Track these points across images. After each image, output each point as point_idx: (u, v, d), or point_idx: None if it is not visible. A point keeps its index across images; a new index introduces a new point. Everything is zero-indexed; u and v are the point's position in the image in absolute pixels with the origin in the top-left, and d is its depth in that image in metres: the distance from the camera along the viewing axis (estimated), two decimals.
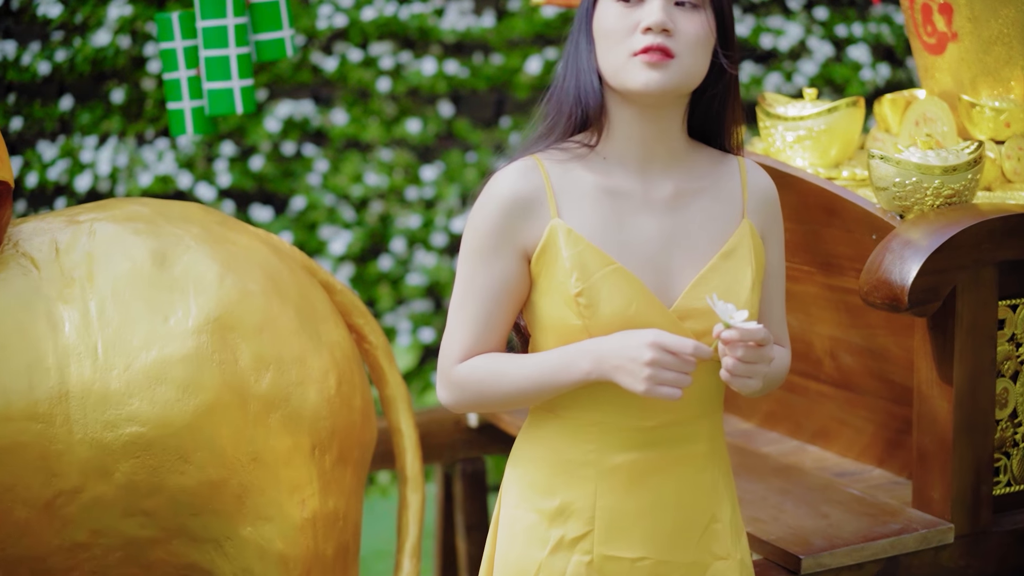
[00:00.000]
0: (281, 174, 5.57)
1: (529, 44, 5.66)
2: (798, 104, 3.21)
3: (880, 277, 2.60)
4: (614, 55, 2.17)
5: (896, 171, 2.73)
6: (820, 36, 5.87)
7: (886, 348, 2.91)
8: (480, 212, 2.21)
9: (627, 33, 2.16)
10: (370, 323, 2.94)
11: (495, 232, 2.19)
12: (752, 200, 2.28)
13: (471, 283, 2.22)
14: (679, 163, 2.25)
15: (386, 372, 2.96)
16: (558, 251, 2.17)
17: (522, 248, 2.20)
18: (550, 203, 2.18)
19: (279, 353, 2.64)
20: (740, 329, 2.05)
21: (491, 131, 5.69)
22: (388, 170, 5.57)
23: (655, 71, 2.14)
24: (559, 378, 2.17)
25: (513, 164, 2.21)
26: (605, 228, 2.19)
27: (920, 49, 3.23)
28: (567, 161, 2.21)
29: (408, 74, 5.57)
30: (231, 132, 5.53)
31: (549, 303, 2.19)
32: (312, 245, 5.50)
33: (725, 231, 2.25)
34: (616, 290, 2.15)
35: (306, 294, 2.75)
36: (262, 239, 2.81)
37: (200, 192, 5.45)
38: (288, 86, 5.56)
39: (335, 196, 5.54)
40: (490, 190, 2.21)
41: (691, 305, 2.19)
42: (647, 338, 2.09)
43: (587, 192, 2.20)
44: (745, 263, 2.23)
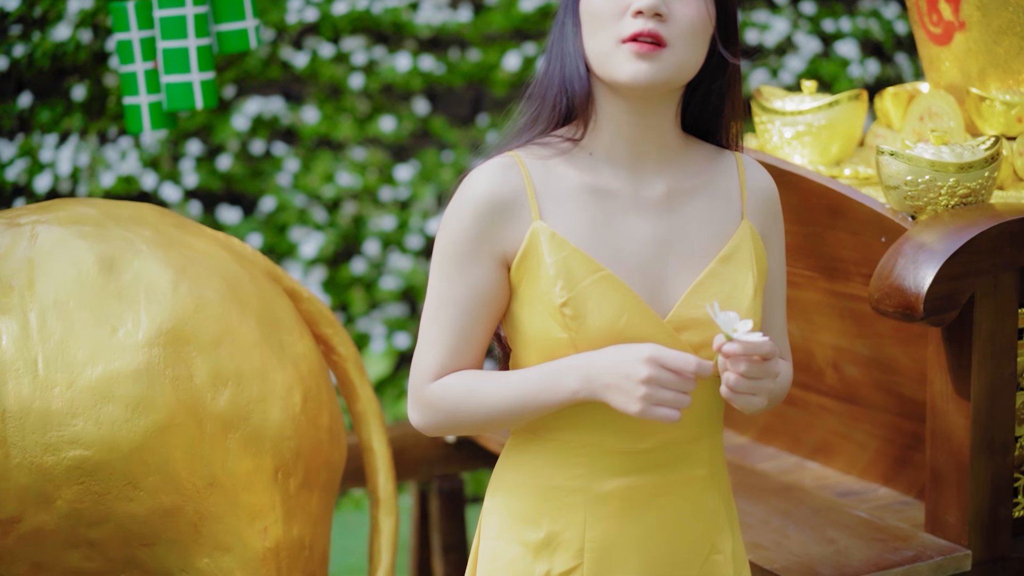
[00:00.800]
0: (250, 174, 5.47)
1: (507, 39, 5.58)
2: (796, 98, 3.05)
3: (892, 284, 2.42)
4: (600, 40, 2.01)
5: (907, 169, 2.55)
6: (807, 31, 5.78)
7: (895, 359, 2.74)
8: (453, 216, 2.05)
9: (616, 16, 2.00)
10: (339, 333, 2.76)
11: (470, 237, 2.03)
12: (751, 199, 2.13)
13: (445, 294, 2.06)
14: (672, 160, 2.10)
15: (356, 386, 2.77)
16: (540, 257, 2.01)
17: (500, 254, 2.05)
18: (531, 204, 2.03)
19: (239, 368, 2.46)
20: (743, 342, 1.89)
21: (468, 129, 5.61)
22: (361, 170, 5.48)
23: (644, 62, 1.98)
24: (543, 398, 2.01)
25: (489, 162, 2.05)
26: (592, 231, 2.03)
27: (924, 39, 3.07)
28: (549, 158, 2.06)
29: (382, 70, 5.49)
30: (197, 130, 5.43)
31: (531, 314, 2.03)
32: (282, 247, 5.42)
33: (723, 233, 2.10)
34: (605, 299, 2.00)
35: (269, 303, 2.56)
36: (221, 243, 2.61)
37: (165, 192, 5.35)
38: (257, 82, 5.47)
39: (306, 197, 5.45)
40: (464, 191, 2.05)
41: (688, 315, 2.04)
42: (643, 353, 1.93)
43: (572, 192, 2.05)
44: (746, 267, 2.08)
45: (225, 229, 5.36)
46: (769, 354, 1.93)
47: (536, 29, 5.58)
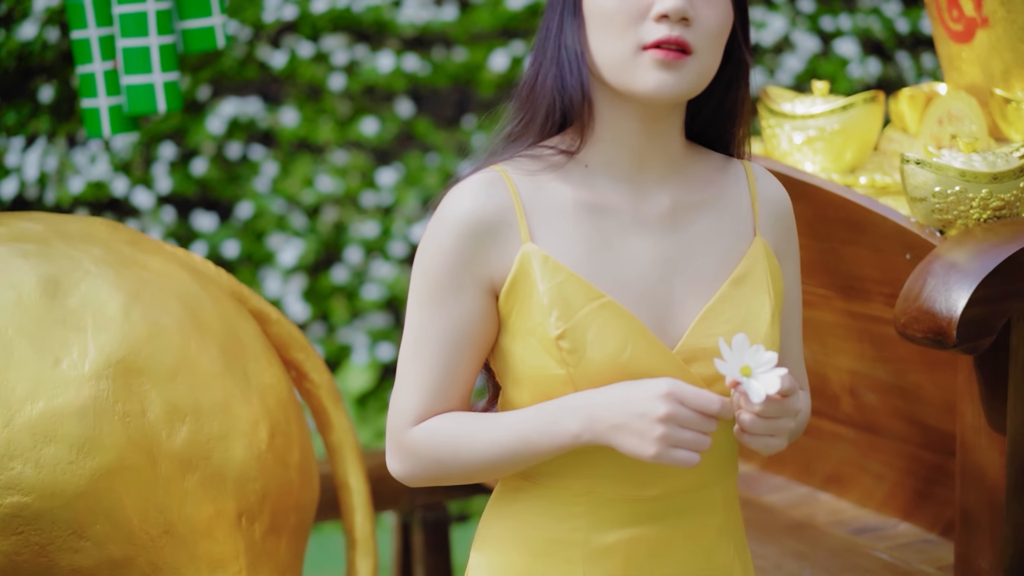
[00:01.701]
0: (226, 179, 5.39)
1: (494, 37, 5.50)
2: (807, 100, 2.87)
3: (921, 307, 2.20)
4: (617, 46, 1.81)
5: (935, 179, 2.34)
6: (805, 29, 5.68)
7: (919, 386, 2.53)
8: (433, 240, 1.86)
9: (635, 19, 1.80)
10: (312, 358, 2.54)
11: (452, 264, 1.84)
12: (764, 213, 1.95)
13: (425, 328, 1.87)
14: (677, 171, 1.91)
15: (331, 416, 2.55)
16: (532, 284, 1.82)
17: (487, 282, 1.85)
18: (520, 224, 1.83)
19: (197, 401, 2.25)
20: (762, 380, 1.71)
21: (453, 131, 5.52)
22: (342, 174, 5.40)
23: (669, 72, 1.79)
24: (540, 443, 1.81)
25: (471, 178, 1.85)
26: (590, 253, 1.84)
27: (943, 37, 2.89)
28: (539, 172, 1.86)
29: (363, 70, 5.41)
30: (171, 133, 5.34)
31: (523, 349, 1.84)
32: (260, 255, 5.34)
33: (734, 252, 1.91)
34: (607, 330, 1.81)
35: (233, 327, 2.34)
36: (181, 261, 2.39)
37: (137, 198, 5.26)
38: (233, 83, 5.40)
39: (285, 202, 5.38)
40: (443, 212, 1.85)
41: (698, 345, 1.84)
42: (660, 389, 1.75)
43: (566, 209, 1.85)
44: (761, 290, 1.89)
45: (200, 236, 5.30)
46: (789, 390, 1.75)
47: (524, 27, 5.50)
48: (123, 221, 5.24)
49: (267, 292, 5.27)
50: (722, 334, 1.82)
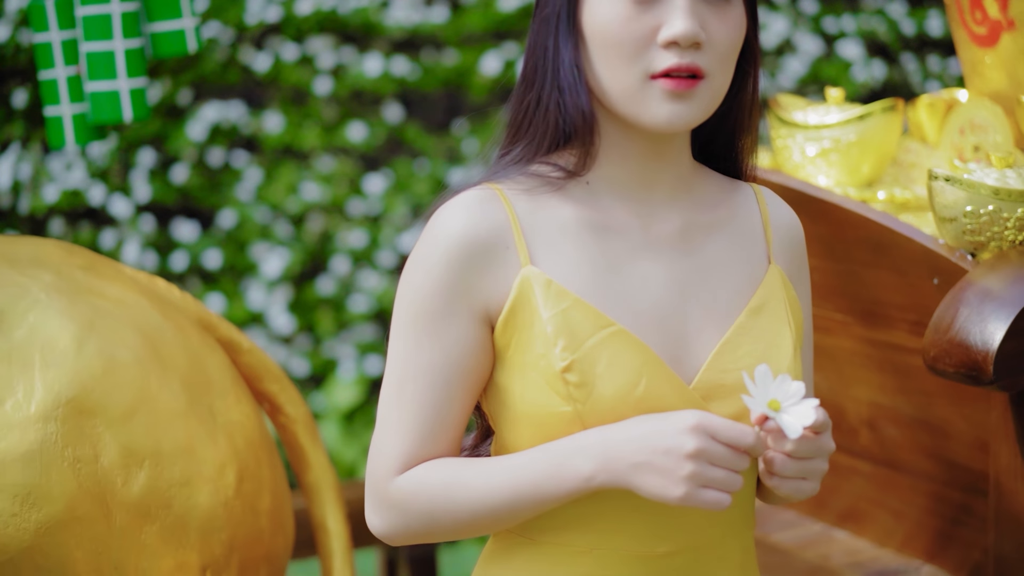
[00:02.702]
0: (207, 186, 5.29)
1: (486, 40, 5.40)
2: (820, 109, 2.70)
3: (953, 339, 2.02)
4: (622, 75, 1.67)
5: (966, 197, 2.16)
6: (808, 30, 5.56)
7: (946, 421, 2.35)
8: (421, 263, 1.70)
9: (641, 44, 1.66)
10: (287, 390, 2.36)
11: (442, 290, 1.68)
12: (777, 240, 1.82)
13: (412, 363, 1.70)
14: (686, 190, 1.78)
15: (308, 453, 2.36)
16: (534, 311, 1.66)
17: (481, 310, 1.69)
18: (518, 245, 1.68)
19: (157, 444, 2.06)
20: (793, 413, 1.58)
21: (444, 136, 5.41)
22: (328, 181, 5.30)
23: (681, 102, 1.66)
24: (546, 488, 1.64)
25: (463, 195, 1.71)
26: (596, 277, 1.69)
27: (966, 40, 2.71)
28: (536, 189, 1.71)
29: (350, 73, 5.30)
30: (150, 139, 5.24)
31: (523, 385, 1.68)
32: (243, 265, 5.23)
33: (750, 279, 1.78)
34: (619, 362, 1.65)
35: (198, 360, 2.15)
36: (142, 288, 2.20)
37: (115, 207, 5.15)
38: (215, 87, 5.30)
39: (269, 211, 5.28)
40: (433, 231, 1.70)
41: (717, 380, 1.70)
42: (687, 421, 1.59)
43: (568, 229, 1.71)
44: (781, 321, 1.76)
45: (180, 246, 5.20)
46: (823, 426, 1.61)
47: (517, 28, 5.38)
48: (100, 231, 5.14)
49: (250, 304, 5.17)
50: (743, 368, 1.68)
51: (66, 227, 5.11)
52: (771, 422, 1.59)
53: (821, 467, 1.64)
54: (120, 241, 5.10)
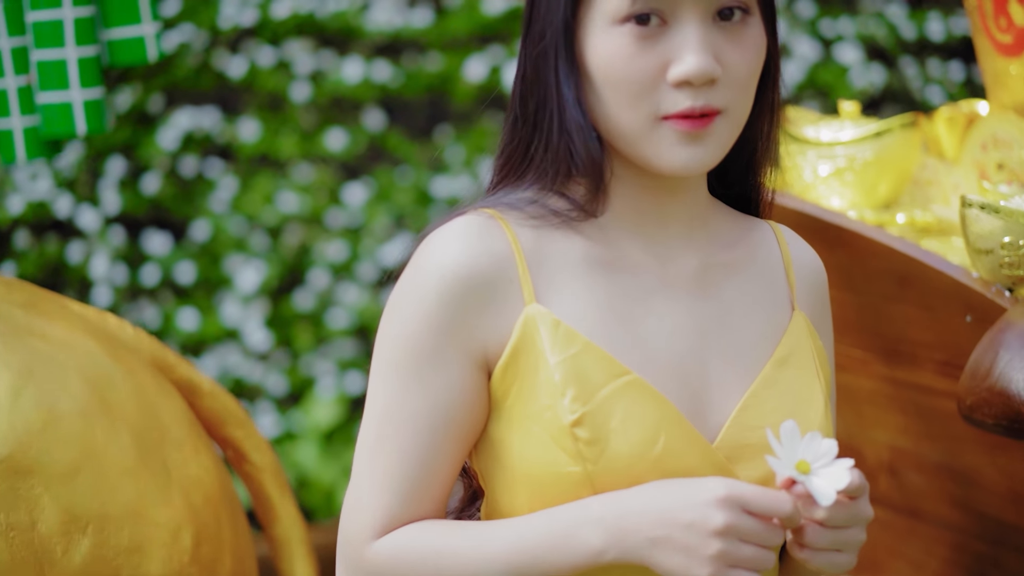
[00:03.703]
0: (180, 196, 5.14)
1: (471, 43, 5.29)
2: (834, 124, 2.57)
3: (993, 387, 1.86)
4: (629, 116, 1.52)
5: (1004, 227, 2.00)
6: (804, 33, 5.44)
7: (975, 469, 2.20)
8: (408, 298, 1.53)
9: (649, 85, 1.50)
10: (252, 436, 2.20)
11: (434, 329, 1.51)
12: (801, 285, 1.67)
13: (396, 410, 1.53)
14: (703, 227, 1.62)
15: (276, 505, 2.19)
16: (539, 355, 1.49)
17: (478, 353, 1.52)
18: (522, 280, 1.52)
19: (103, 506, 1.90)
20: (825, 476, 1.43)
21: (426, 144, 5.28)
22: (307, 191, 5.17)
23: (698, 145, 1.50)
24: (548, 562, 1.48)
25: (459, 221, 1.54)
26: (608, 319, 1.53)
27: (988, 50, 2.58)
28: (541, 219, 1.55)
29: (329, 79, 5.18)
30: (120, 148, 5.08)
31: (524, 440, 1.51)
32: (217, 279, 5.07)
33: (774, 325, 1.62)
34: (635, 415, 1.49)
35: (152, 408, 1.98)
36: (90, 327, 2.02)
37: (83, 219, 4.98)
38: (187, 93, 5.16)
39: (244, 222, 5.12)
40: (424, 261, 1.53)
41: (742, 438, 1.55)
42: (715, 492, 1.43)
43: (576, 265, 1.55)
44: (809, 372, 1.60)
45: (151, 259, 5.04)
46: (859, 490, 1.47)
47: (504, 31, 5.25)
48: (67, 244, 4.99)
49: (225, 319, 5.02)
50: (769, 425, 1.51)
51: (31, 240, 5.00)
52: (799, 486, 1.43)
53: (858, 537, 1.48)
54: (88, 254, 4.96)
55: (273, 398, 5.03)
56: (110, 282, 4.90)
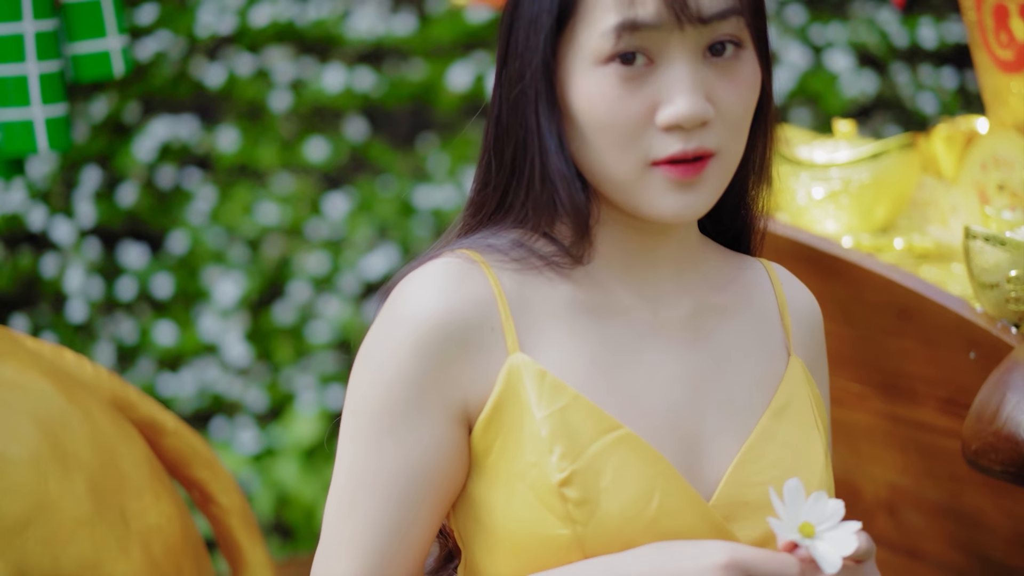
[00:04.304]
0: (157, 208, 5.09)
1: (455, 51, 5.27)
2: (828, 144, 2.48)
3: (1000, 431, 1.77)
4: (616, 161, 1.42)
5: (1011, 259, 1.91)
6: (796, 39, 5.40)
7: (979, 511, 2.11)
8: (383, 347, 1.43)
9: (637, 127, 1.41)
10: (219, 476, 2.10)
11: (410, 381, 1.42)
12: (797, 329, 1.57)
13: (369, 468, 1.43)
14: (693, 267, 1.53)
15: (244, 549, 2.09)
16: (524, 409, 1.40)
17: (458, 406, 1.43)
18: (505, 328, 1.43)
19: (55, 561, 1.78)
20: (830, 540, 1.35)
21: (409, 153, 5.26)
22: (287, 201, 5.12)
23: (690, 192, 1.41)
24: None
25: (436, 263, 1.45)
26: (598, 369, 1.44)
27: (989, 65, 2.50)
28: (526, 262, 1.46)
29: (310, 88, 5.15)
30: (95, 158, 5.04)
31: (507, 500, 1.41)
32: (195, 292, 5.03)
33: (770, 374, 1.52)
34: (627, 473, 1.40)
35: (109, 453, 1.88)
36: (45, 365, 1.91)
37: (57, 231, 4.92)
38: (165, 102, 5.13)
39: (223, 233, 5.08)
40: (400, 308, 1.43)
41: (739, 496, 1.45)
42: (716, 558, 1.36)
43: (562, 311, 1.45)
44: (808, 424, 1.51)
45: (127, 272, 4.99)
46: (867, 553, 1.38)
47: (489, 38, 5.24)
48: (41, 256, 4.92)
49: (203, 333, 4.97)
50: (768, 481, 1.44)
51: (4, 253, 4.95)
52: (802, 550, 1.35)
53: None
54: (63, 267, 4.90)
55: (253, 414, 4.99)
56: (85, 296, 4.86)
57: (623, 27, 1.38)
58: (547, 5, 1.42)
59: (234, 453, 4.93)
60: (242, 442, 4.96)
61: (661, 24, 1.38)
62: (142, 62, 5.01)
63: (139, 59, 4.94)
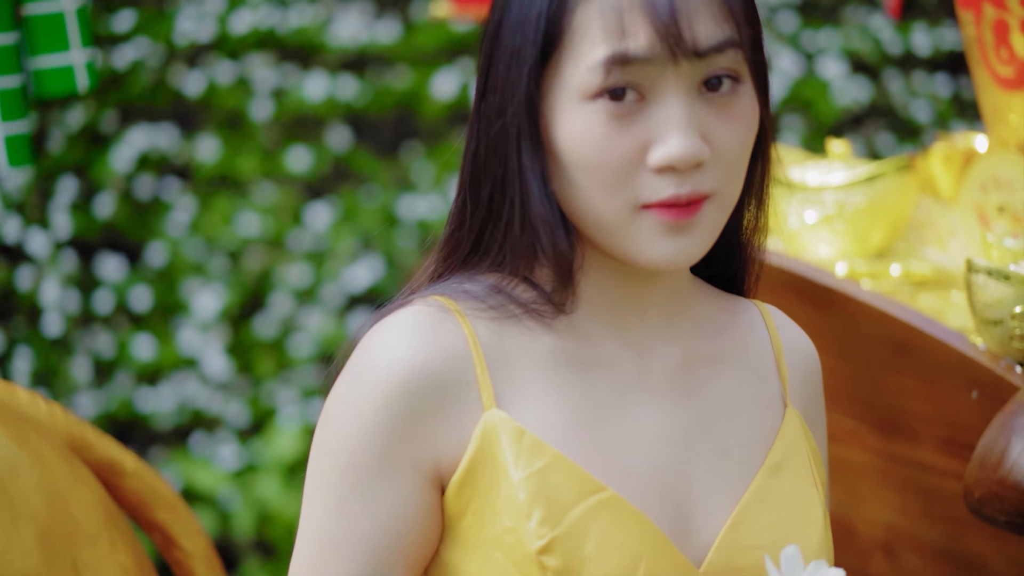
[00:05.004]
0: (135, 219, 5.05)
1: (441, 58, 5.24)
2: (822, 165, 2.39)
3: (1005, 479, 1.69)
4: (604, 204, 1.33)
5: (1016, 295, 1.83)
6: (787, 46, 5.36)
7: (981, 555, 2.04)
8: (349, 403, 1.35)
9: (627, 168, 1.32)
10: (182, 519, 2.00)
11: (379, 439, 1.34)
12: (794, 377, 1.49)
13: (335, 532, 1.35)
14: (684, 313, 1.44)
15: None
16: (501, 470, 1.33)
17: (430, 466, 1.35)
18: (481, 381, 1.35)
19: None
20: None
21: (394, 162, 5.21)
22: (268, 212, 5.09)
23: (683, 236, 1.33)
24: None
25: (406, 312, 1.36)
26: (580, 426, 1.36)
27: (988, 83, 2.43)
28: (504, 310, 1.38)
29: (292, 96, 5.12)
30: (72, 168, 5.00)
31: (484, 567, 1.34)
32: (173, 304, 4.98)
33: (765, 428, 1.44)
34: (612, 539, 1.32)
35: (62, 499, 1.78)
36: None
37: (33, 243, 4.87)
38: (143, 110, 5.09)
39: (203, 244, 5.04)
40: (367, 361, 1.35)
41: (732, 561, 1.38)
42: None
43: (544, 363, 1.37)
44: (805, 482, 1.43)
45: (104, 285, 4.94)
46: None
47: (476, 44, 5.14)
48: (16, 269, 4.87)
49: (183, 347, 4.93)
50: (763, 545, 1.36)
51: None
52: None
53: None
54: (38, 280, 4.86)
55: (233, 429, 4.94)
56: (61, 309, 4.80)
57: (613, 61, 1.29)
58: (531, 36, 1.32)
59: (214, 469, 4.90)
60: (223, 458, 4.94)
61: (654, 58, 1.29)
62: (119, 70, 4.99)
63: (116, 67, 4.94)
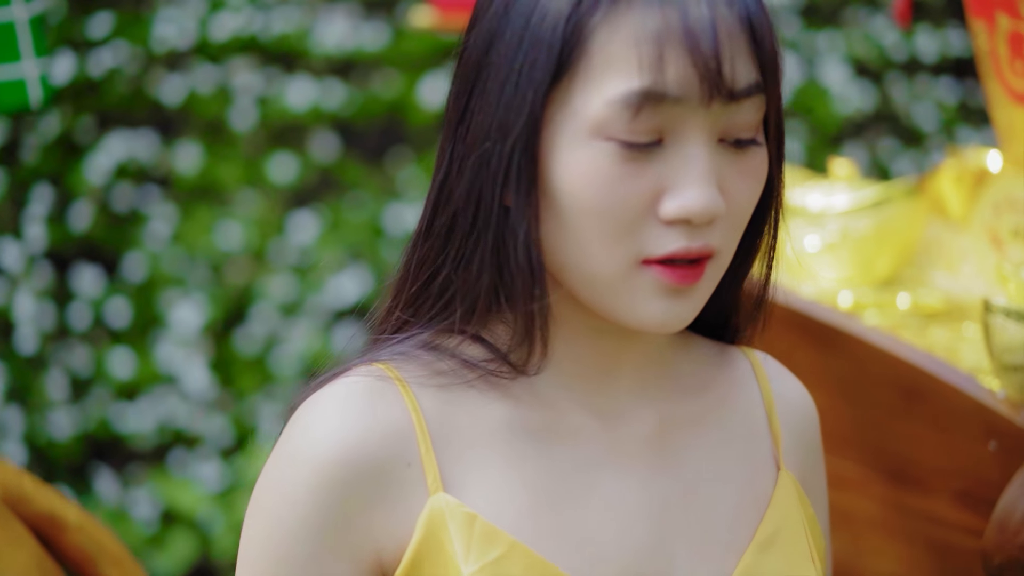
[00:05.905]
0: (112, 230, 4.99)
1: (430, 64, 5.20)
2: (824, 187, 2.25)
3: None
4: (602, 256, 1.19)
5: None
6: (789, 51, 5.33)
7: None
8: (276, 493, 1.22)
9: (635, 216, 1.18)
10: (129, 574, 1.83)
11: (311, 531, 1.21)
12: (788, 435, 1.35)
13: None
14: (661, 370, 1.30)
15: None
16: (449, 561, 1.19)
17: (371, 560, 1.21)
18: (425, 462, 1.22)
19: None
20: None
21: (380, 171, 5.18)
22: (251, 223, 5.04)
23: (681, 300, 1.19)
24: None
25: (339, 385, 1.23)
26: (540, 508, 1.22)
27: (1002, 98, 2.34)
28: (452, 375, 1.24)
29: (275, 103, 5.08)
30: (46, 177, 4.94)
31: None
32: (152, 318, 4.92)
33: (754, 496, 1.31)
34: None
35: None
36: None
37: (5, 256, 4.80)
38: (121, 117, 5.02)
39: (183, 256, 4.98)
40: (295, 443, 1.23)
41: None
42: None
43: (497, 437, 1.23)
44: (801, 556, 1.28)
45: (80, 298, 4.87)
46: None
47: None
48: None
49: (162, 363, 4.87)
50: None
51: None
52: None
53: None
54: (11, 294, 4.79)
55: (215, 447, 4.90)
56: (36, 324, 4.74)
57: (646, 97, 1.15)
58: (542, 57, 1.17)
59: (195, 490, 4.87)
60: (204, 477, 4.92)
61: (688, 97, 1.15)
62: (95, 76, 4.93)
63: (92, 73, 4.91)
